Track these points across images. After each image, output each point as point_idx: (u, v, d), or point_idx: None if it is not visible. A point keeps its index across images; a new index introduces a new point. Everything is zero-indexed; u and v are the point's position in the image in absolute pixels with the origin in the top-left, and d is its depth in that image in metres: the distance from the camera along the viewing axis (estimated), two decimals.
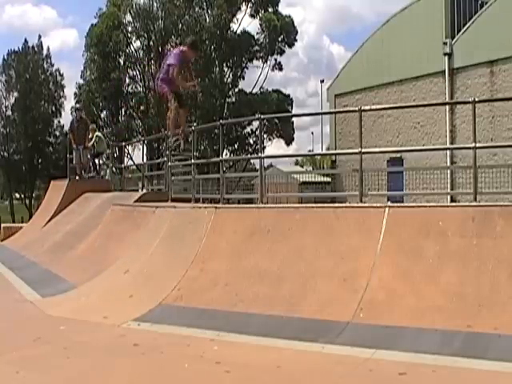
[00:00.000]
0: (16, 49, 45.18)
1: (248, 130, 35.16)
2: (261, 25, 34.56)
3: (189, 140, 9.20)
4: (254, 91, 35.53)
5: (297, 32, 35.33)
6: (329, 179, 22.50)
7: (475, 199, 5.91)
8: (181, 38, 33.54)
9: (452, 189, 15.56)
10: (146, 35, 34.47)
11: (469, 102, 6.68)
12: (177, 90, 8.36)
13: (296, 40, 35.64)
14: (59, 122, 45.55)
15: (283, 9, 67.75)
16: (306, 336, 4.63)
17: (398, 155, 17.28)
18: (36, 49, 45.63)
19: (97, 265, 7.43)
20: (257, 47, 34.95)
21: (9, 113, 45.14)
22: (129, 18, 34.32)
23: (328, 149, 28.94)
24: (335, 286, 5.08)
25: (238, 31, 35.02)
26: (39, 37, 55.19)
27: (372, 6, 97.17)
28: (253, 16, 34.94)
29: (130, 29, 34.61)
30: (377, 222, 5.34)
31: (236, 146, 35.52)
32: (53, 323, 5.49)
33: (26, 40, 45.57)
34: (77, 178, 14.35)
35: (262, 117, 8.07)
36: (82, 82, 36.46)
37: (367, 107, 10.94)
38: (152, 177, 14.91)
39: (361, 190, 6.58)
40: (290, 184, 20.87)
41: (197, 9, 34.73)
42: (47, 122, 44.73)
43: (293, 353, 4.41)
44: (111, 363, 4.24)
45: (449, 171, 15.99)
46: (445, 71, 17.59)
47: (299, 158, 40.55)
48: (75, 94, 37.39)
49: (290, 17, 35.13)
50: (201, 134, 28.35)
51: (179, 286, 5.77)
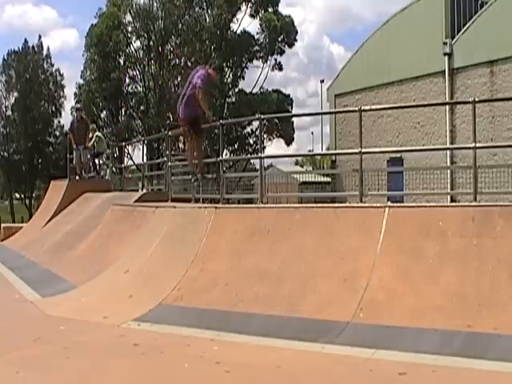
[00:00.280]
0: (16, 49, 45.16)
1: (248, 129, 35.13)
2: (261, 25, 34.50)
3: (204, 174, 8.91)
4: (254, 91, 35.49)
5: (297, 32, 35.31)
6: (329, 179, 22.45)
7: (475, 199, 5.92)
8: (181, 38, 33.62)
9: (452, 189, 15.54)
10: (145, 35, 34.42)
11: (469, 102, 6.69)
12: (198, 114, 8.08)
13: (296, 40, 35.62)
14: (59, 121, 45.53)
15: (283, 9, 67.75)
16: (306, 336, 4.63)
17: (398, 155, 17.25)
18: (36, 49, 45.51)
19: (97, 265, 7.43)
20: (257, 47, 34.88)
21: (9, 113, 45.02)
22: (129, 18, 34.28)
23: (328, 149, 28.90)
24: (335, 286, 5.08)
25: (238, 31, 34.97)
26: (39, 37, 55.27)
27: (372, 6, 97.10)
28: (253, 16, 34.90)
29: (129, 29, 34.57)
30: (377, 222, 5.34)
31: (236, 146, 35.46)
32: (53, 323, 5.49)
33: (26, 40, 45.54)
34: (77, 178, 14.32)
35: (261, 117, 8.09)
36: (82, 81, 36.43)
37: (367, 107, 10.95)
38: (152, 177, 14.91)
39: (361, 190, 6.59)
40: (290, 184, 20.82)
41: (197, 9, 34.68)
42: (47, 122, 44.63)
43: (293, 353, 4.41)
44: (111, 363, 4.24)
45: (449, 171, 15.96)
46: (445, 71, 17.56)
47: (299, 158, 40.49)
48: (75, 93, 37.37)
49: (289, 17, 35.09)
50: None
51: (179, 285, 5.77)
